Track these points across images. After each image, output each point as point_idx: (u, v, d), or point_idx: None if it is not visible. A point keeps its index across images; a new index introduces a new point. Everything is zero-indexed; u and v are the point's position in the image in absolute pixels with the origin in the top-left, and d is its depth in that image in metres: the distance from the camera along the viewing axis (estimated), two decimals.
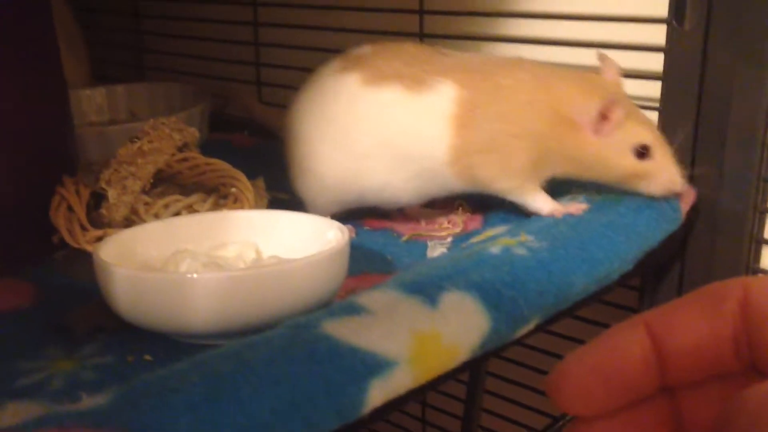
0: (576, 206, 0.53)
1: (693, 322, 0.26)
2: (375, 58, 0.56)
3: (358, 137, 0.55)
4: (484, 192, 0.56)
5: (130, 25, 1.01)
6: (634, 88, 0.61)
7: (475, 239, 0.55)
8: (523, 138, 0.53)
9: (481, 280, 0.41)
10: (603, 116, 0.51)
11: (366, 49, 0.58)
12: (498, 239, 0.48)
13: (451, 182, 0.56)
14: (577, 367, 0.26)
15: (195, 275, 0.40)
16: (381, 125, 0.55)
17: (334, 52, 0.77)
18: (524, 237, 0.48)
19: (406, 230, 0.61)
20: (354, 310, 0.37)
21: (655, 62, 0.57)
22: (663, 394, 0.27)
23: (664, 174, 0.52)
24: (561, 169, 0.54)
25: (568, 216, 0.52)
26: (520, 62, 0.55)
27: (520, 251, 0.45)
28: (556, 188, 0.59)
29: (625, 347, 0.26)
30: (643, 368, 0.26)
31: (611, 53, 0.61)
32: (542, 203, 0.54)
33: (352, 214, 0.64)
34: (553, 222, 0.51)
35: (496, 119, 0.53)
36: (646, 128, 0.52)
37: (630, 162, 0.52)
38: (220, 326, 0.40)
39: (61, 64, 0.61)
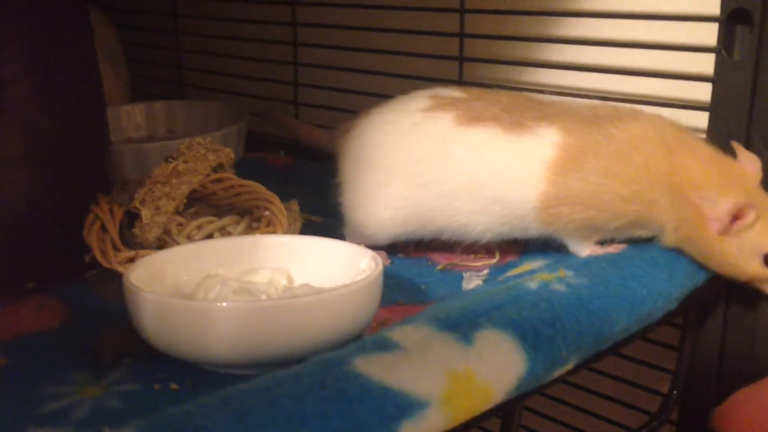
0: (615, 247, 0.51)
1: None
2: (472, 101, 0.53)
3: (447, 177, 0.52)
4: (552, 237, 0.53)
5: (170, 42, 1.01)
6: (680, 117, 0.60)
7: (512, 272, 0.53)
8: (631, 202, 0.49)
9: (519, 317, 0.40)
10: (735, 217, 0.47)
11: (458, 93, 0.55)
12: (536, 274, 0.47)
13: (534, 228, 0.52)
14: (749, 403, 0.27)
15: (224, 304, 0.39)
16: (473, 165, 0.52)
17: (373, 74, 0.76)
18: (563, 272, 0.46)
19: (441, 259, 0.59)
20: (386, 346, 0.36)
21: (703, 93, 0.55)
22: None
23: None
24: (647, 236, 0.51)
25: (610, 252, 0.51)
26: (635, 113, 0.51)
27: (559, 287, 0.44)
28: None
29: None
30: None
31: (659, 83, 0.60)
32: (585, 247, 0.52)
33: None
34: (593, 257, 0.50)
35: (604, 174, 0.48)
36: None
37: (755, 267, 0.48)
38: (248, 356, 0.39)
39: (100, 82, 0.61)
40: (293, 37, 0.86)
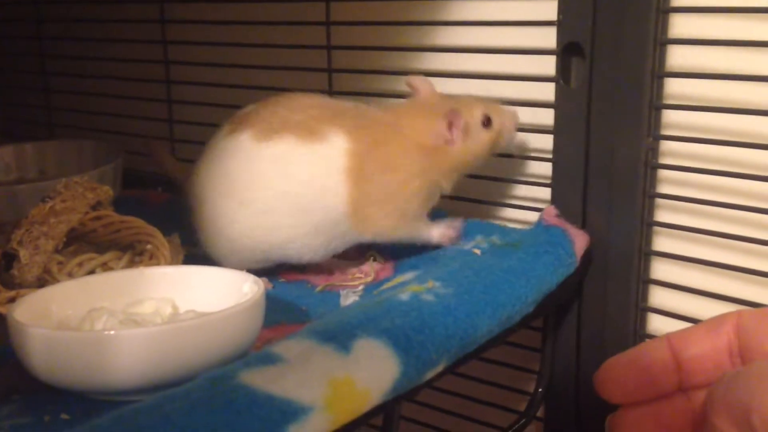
0: (455, 224, 0.61)
1: (700, 339, 0.39)
2: (259, 112, 0.59)
3: (258, 194, 0.57)
4: (384, 241, 0.60)
5: (38, 83, 1.00)
6: (529, 139, 0.66)
7: (385, 286, 0.57)
8: (410, 182, 0.57)
9: (392, 326, 0.43)
10: (449, 126, 0.57)
11: (249, 107, 0.61)
12: (407, 286, 0.51)
13: (352, 233, 0.59)
14: (616, 364, 0.39)
15: (112, 332, 0.40)
16: (279, 178, 0.57)
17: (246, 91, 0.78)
18: (431, 283, 0.50)
19: (320, 281, 0.63)
20: (270, 359, 0.39)
21: (548, 117, 0.61)
22: (681, 394, 0.39)
23: (507, 124, 0.61)
24: (447, 190, 0.61)
25: (473, 262, 0.56)
26: (369, 110, 0.61)
27: (428, 297, 0.48)
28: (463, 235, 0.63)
29: (652, 353, 0.40)
30: (665, 369, 0.39)
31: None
32: (431, 233, 0.60)
33: (268, 268, 0.65)
34: (458, 268, 0.54)
35: (384, 170, 0.57)
36: (474, 103, 0.60)
37: (486, 135, 0.59)
38: (139, 382, 0.41)
39: None
40: (166, 75, 0.87)
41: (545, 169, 0.63)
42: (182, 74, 0.87)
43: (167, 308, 0.49)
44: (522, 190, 0.68)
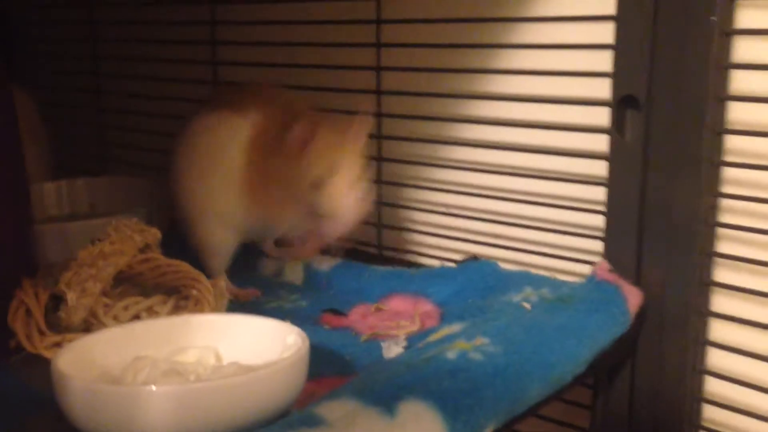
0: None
1: None
2: None
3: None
4: None
5: (93, 118, 1.02)
6: (583, 192, 0.64)
7: (431, 338, 0.56)
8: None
9: (439, 388, 0.42)
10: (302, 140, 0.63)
11: None
12: (454, 342, 0.49)
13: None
14: None
15: (153, 387, 0.40)
16: None
17: None
18: (480, 340, 0.49)
19: (365, 329, 0.62)
20: (312, 421, 0.38)
21: (601, 168, 0.60)
22: None
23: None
24: None
25: (522, 317, 0.54)
26: None
27: (476, 356, 0.47)
28: (505, 285, 0.62)
29: None
30: None
31: (558, 159, 0.65)
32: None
33: (312, 312, 0.65)
34: (507, 323, 0.53)
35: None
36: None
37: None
38: None
39: (23, 162, 0.61)
40: None
41: (598, 220, 0.61)
42: None
43: (210, 358, 0.48)
44: (573, 241, 0.66)
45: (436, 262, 0.73)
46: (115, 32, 0.99)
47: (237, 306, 0.61)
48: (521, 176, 0.68)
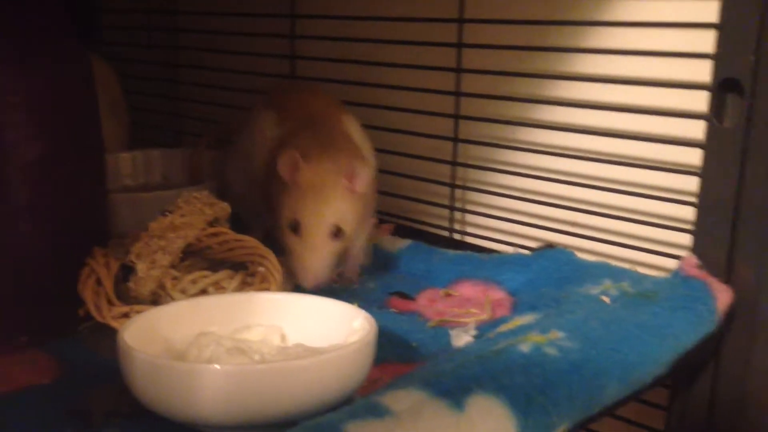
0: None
1: None
2: None
3: None
4: None
5: (169, 91, 1.03)
6: (670, 181, 0.61)
7: (502, 328, 0.54)
8: None
9: (511, 383, 0.40)
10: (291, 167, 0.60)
11: None
12: (528, 334, 0.47)
13: None
14: None
15: (217, 366, 0.39)
16: None
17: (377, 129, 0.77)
18: (555, 334, 0.46)
19: (432, 315, 0.60)
20: (377, 411, 0.36)
21: (694, 157, 0.56)
22: None
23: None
24: None
25: (601, 311, 0.51)
26: None
27: (551, 351, 0.44)
28: (582, 276, 0.59)
29: None
30: None
31: (647, 146, 0.61)
32: None
33: (380, 295, 0.63)
34: (584, 317, 0.50)
35: None
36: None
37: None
38: (240, 418, 0.39)
39: (100, 131, 0.61)
40: None
41: (687, 212, 0.57)
42: None
43: (275, 337, 0.47)
44: (658, 233, 0.62)
45: (509, 249, 0.71)
46: (195, 5, 0.99)
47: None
48: (604, 162, 0.65)
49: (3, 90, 0.51)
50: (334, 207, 0.57)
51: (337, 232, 0.57)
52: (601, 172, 0.66)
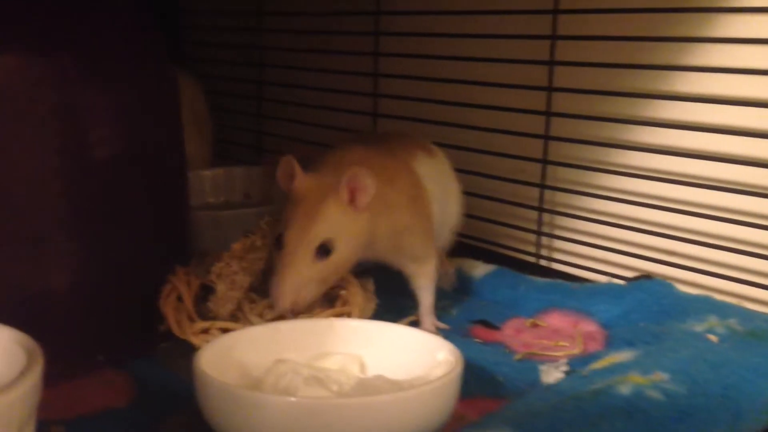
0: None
1: None
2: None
3: None
4: None
5: (252, 108, 1.03)
6: None
7: (596, 365, 0.50)
8: None
9: (611, 430, 0.36)
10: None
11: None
12: (627, 374, 0.43)
13: None
14: None
15: (293, 399, 0.37)
16: None
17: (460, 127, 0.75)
18: (658, 376, 0.43)
19: (519, 346, 0.57)
20: None
21: None
22: None
23: None
24: None
25: (707, 351, 0.47)
26: None
27: (655, 395, 0.40)
28: (683, 311, 0.54)
29: None
30: None
31: (757, 171, 0.57)
32: None
33: (462, 322, 0.60)
34: (689, 357, 0.46)
35: None
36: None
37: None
38: None
39: (183, 148, 0.61)
40: (373, 108, 0.86)
41: None
42: (389, 108, 0.84)
43: (354, 367, 0.45)
44: (765, 265, 0.58)
45: (600, 278, 0.67)
46: (280, 22, 0.99)
47: (384, 310, 0.57)
48: (706, 187, 0.61)
49: (90, 105, 0.51)
50: (322, 221, 0.49)
51: (324, 252, 0.49)
52: (702, 198, 0.62)
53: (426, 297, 0.59)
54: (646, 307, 0.57)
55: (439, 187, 0.60)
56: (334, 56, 0.90)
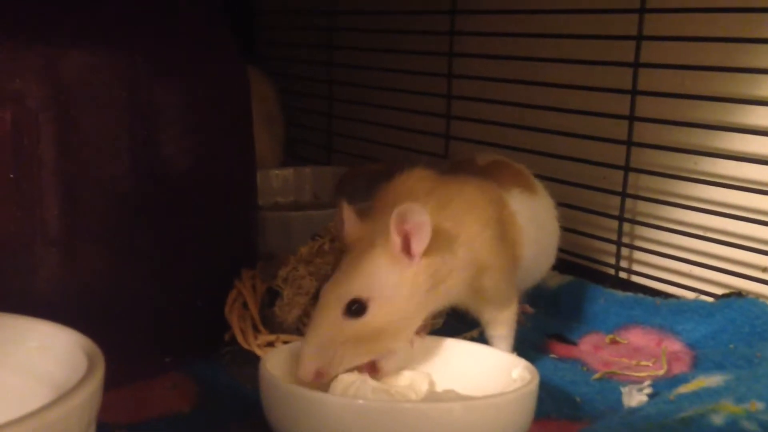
0: None
1: None
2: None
3: None
4: None
5: (323, 107, 1.02)
6: None
7: (682, 389, 0.47)
8: None
9: None
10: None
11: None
12: (719, 402, 0.40)
13: None
14: None
15: (361, 401, 0.36)
16: None
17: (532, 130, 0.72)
18: (755, 405, 0.39)
19: (598, 364, 0.54)
20: None
21: None
22: None
23: None
24: None
25: None
26: None
27: (752, 427, 0.37)
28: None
29: None
30: None
31: None
32: None
33: (537, 336, 0.58)
34: None
35: None
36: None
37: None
38: None
39: (253, 146, 0.60)
40: (447, 109, 0.83)
41: None
42: (462, 110, 0.82)
43: (423, 384, 0.43)
44: None
45: (685, 293, 0.63)
46: (352, 21, 0.98)
47: (452, 324, 0.55)
48: None
49: (161, 103, 0.50)
50: (356, 277, 0.42)
51: (356, 311, 0.41)
52: None
53: (503, 348, 0.49)
54: (738, 327, 0.53)
55: (535, 227, 0.53)
56: (407, 56, 0.88)
